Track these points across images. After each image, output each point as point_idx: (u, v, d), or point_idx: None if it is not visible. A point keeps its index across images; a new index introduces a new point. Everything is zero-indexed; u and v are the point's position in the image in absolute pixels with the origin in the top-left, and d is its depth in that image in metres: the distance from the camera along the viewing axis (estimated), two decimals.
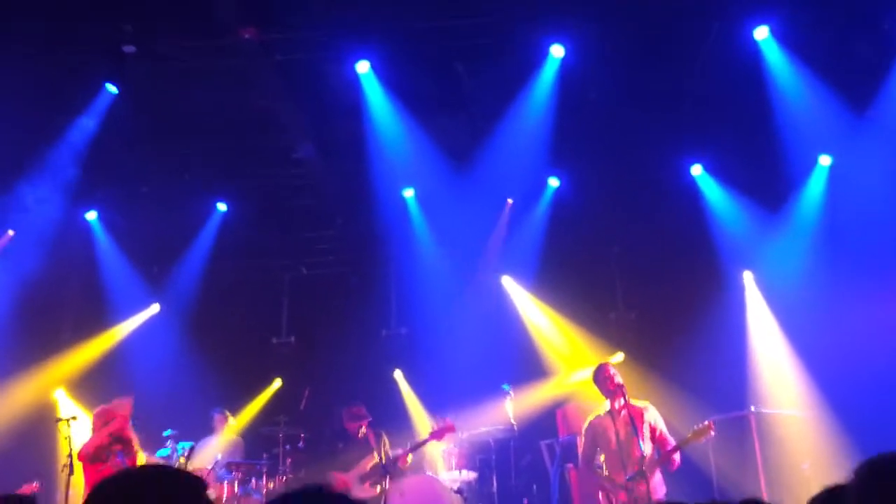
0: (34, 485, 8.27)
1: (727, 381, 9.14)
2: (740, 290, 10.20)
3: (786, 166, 9.50)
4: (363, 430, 8.39)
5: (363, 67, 8.75)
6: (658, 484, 6.75)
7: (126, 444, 7.53)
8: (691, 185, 10.19)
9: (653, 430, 6.92)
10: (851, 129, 8.89)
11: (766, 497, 8.08)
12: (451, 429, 8.48)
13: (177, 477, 2.00)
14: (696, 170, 10.18)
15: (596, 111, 9.45)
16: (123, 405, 7.77)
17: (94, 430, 7.67)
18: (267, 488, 8.99)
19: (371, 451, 8.23)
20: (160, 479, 1.98)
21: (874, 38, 8.36)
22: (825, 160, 9.69)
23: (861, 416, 8.19)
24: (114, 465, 7.25)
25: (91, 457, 7.33)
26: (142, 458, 7.57)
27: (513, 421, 8.58)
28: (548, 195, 10.55)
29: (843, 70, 8.53)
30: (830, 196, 9.60)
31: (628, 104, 9.14)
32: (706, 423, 6.68)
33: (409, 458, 8.28)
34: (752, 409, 8.59)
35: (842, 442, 8.32)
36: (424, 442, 8.45)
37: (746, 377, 9.52)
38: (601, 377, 6.99)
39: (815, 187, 9.75)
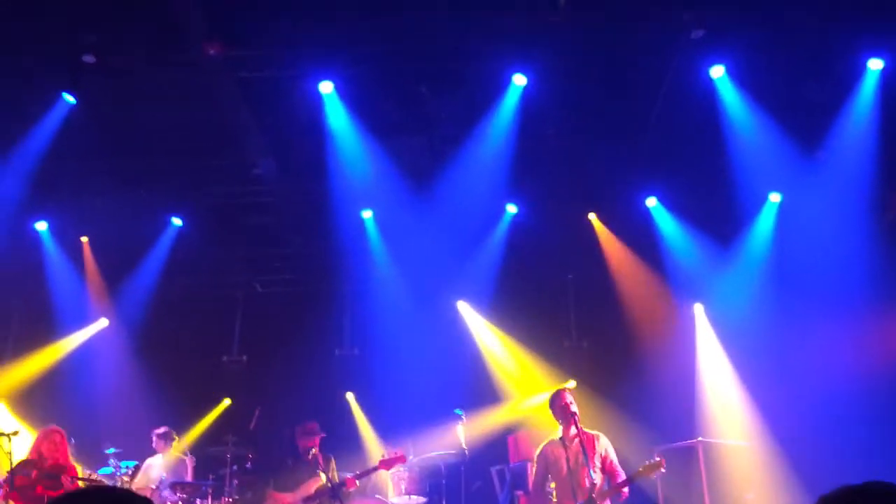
0: None
1: (676, 410, 9.29)
2: (691, 321, 10.39)
3: (737, 202, 9.73)
4: (314, 450, 8.28)
5: (327, 87, 8.75)
6: None
7: (55, 479, 7.17)
8: (646, 217, 10.37)
9: (603, 459, 6.97)
10: (801, 168, 9.16)
11: None
12: (401, 459, 8.40)
13: (123, 499, 1.97)
14: (651, 202, 10.37)
15: (555, 141, 9.60)
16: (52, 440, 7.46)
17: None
18: None
19: (318, 474, 8.14)
20: (111, 501, 1.94)
21: (825, 80, 8.65)
22: (775, 197, 9.95)
23: (804, 446, 8.38)
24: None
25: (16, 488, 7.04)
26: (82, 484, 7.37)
27: (464, 446, 8.57)
28: (505, 221, 10.63)
29: (795, 111, 8.80)
30: (779, 232, 9.86)
31: (587, 135, 9.30)
32: (657, 458, 6.75)
33: (358, 483, 8.20)
34: (700, 438, 8.74)
35: (786, 472, 8.48)
36: (373, 470, 8.34)
37: (695, 407, 9.68)
38: (557, 403, 7.02)
39: (765, 223, 10.00)
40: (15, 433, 7.18)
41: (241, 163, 9.83)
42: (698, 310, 10.46)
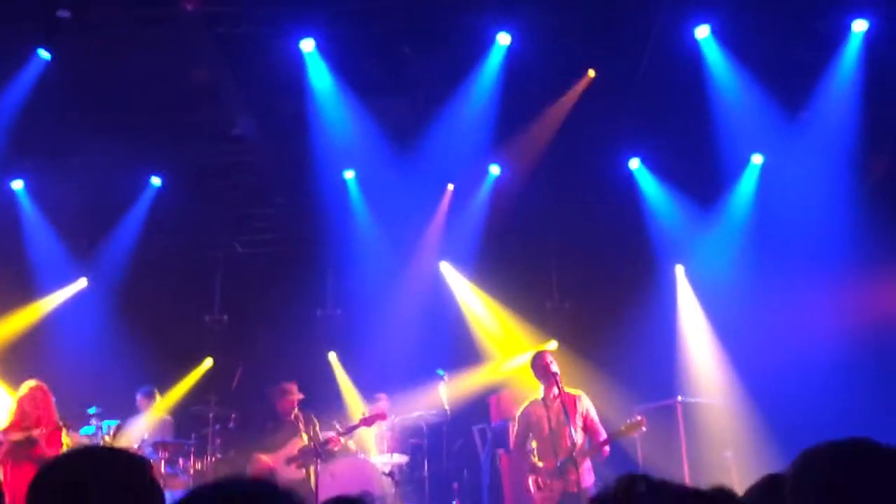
0: None
1: (656, 370, 9.37)
2: (672, 282, 10.45)
3: (720, 163, 9.74)
4: (295, 411, 8.32)
5: (308, 45, 8.62)
6: (587, 471, 6.89)
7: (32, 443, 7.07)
8: (628, 179, 10.36)
9: (585, 418, 7.05)
10: (784, 130, 9.17)
11: (688, 483, 8.33)
12: (382, 416, 8.49)
13: (122, 458, 1.97)
14: (634, 163, 10.36)
15: (538, 101, 9.54)
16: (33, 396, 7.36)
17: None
18: (194, 468, 8.87)
19: (299, 434, 8.18)
20: (106, 461, 1.94)
21: (810, 41, 8.63)
22: (757, 159, 9.97)
23: (782, 406, 8.51)
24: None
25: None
26: (65, 440, 7.34)
27: (446, 406, 8.64)
28: (488, 182, 10.60)
29: (779, 72, 8.79)
30: (761, 194, 9.89)
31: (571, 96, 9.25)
32: (639, 417, 6.84)
33: (342, 440, 8.26)
34: (679, 398, 8.86)
35: (763, 431, 8.62)
36: (355, 427, 8.42)
37: (675, 367, 9.78)
38: (538, 364, 7.09)
39: (747, 185, 10.03)
40: None
41: (221, 121, 9.69)
42: (679, 271, 10.52)
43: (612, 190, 10.31)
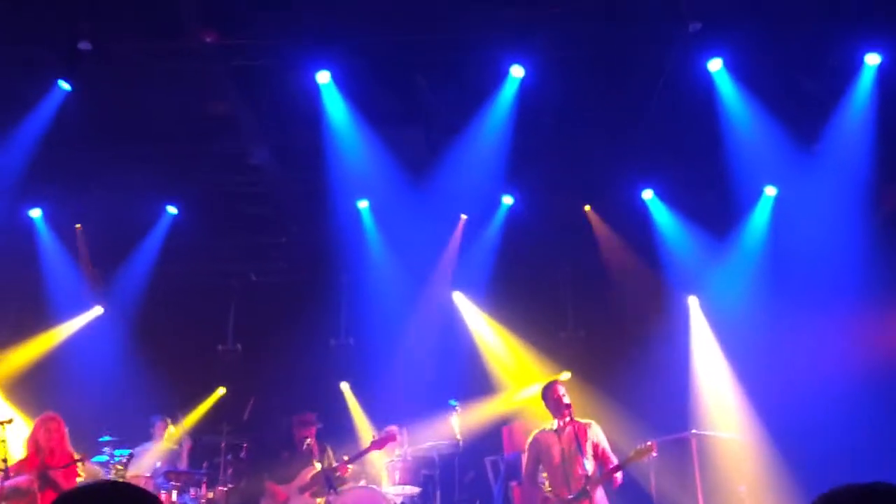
0: None
1: (670, 403, 9.31)
2: (685, 313, 10.41)
3: (733, 195, 9.75)
4: (309, 440, 8.32)
5: (323, 77, 8.73)
6: (601, 501, 6.83)
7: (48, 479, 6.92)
8: (642, 209, 10.38)
9: (595, 447, 7.01)
10: (797, 162, 9.17)
11: None
12: (392, 438, 8.45)
13: (138, 498, 1.97)
14: (647, 194, 10.37)
15: (552, 133, 9.60)
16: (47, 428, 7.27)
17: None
18: (206, 498, 8.85)
19: (312, 463, 8.18)
20: (119, 497, 1.95)
21: (822, 74, 8.66)
22: (771, 191, 9.96)
23: (797, 439, 8.42)
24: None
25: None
26: (81, 472, 7.34)
27: (458, 437, 8.60)
28: (501, 213, 10.64)
29: (792, 104, 8.81)
30: (775, 226, 9.87)
31: (584, 128, 9.30)
32: (648, 443, 6.79)
33: (350, 467, 8.24)
34: (693, 431, 8.76)
35: (778, 465, 8.54)
36: (366, 451, 8.42)
37: (688, 400, 9.71)
38: (550, 396, 7.06)
39: (761, 217, 10.01)
40: (9, 421, 7.15)
41: (237, 152, 9.81)
42: (693, 302, 10.48)
43: (626, 220, 10.31)
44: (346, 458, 8.24)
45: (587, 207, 10.58)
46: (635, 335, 9.62)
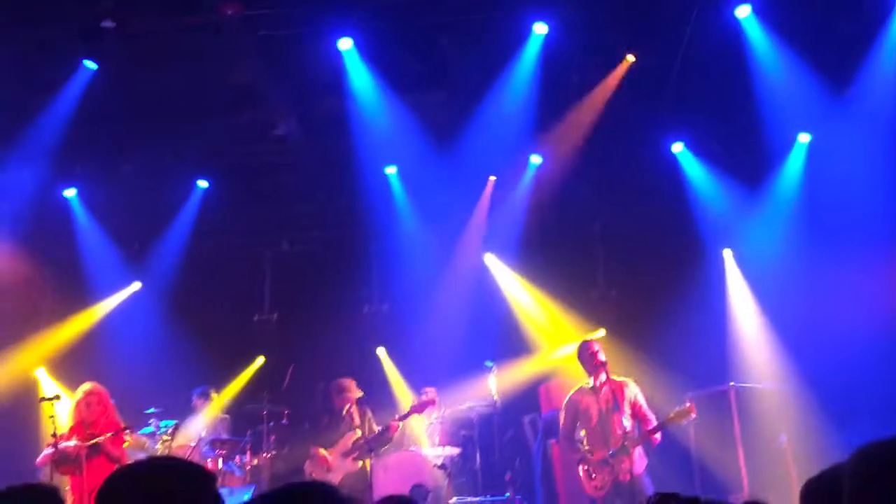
0: None
1: (707, 356, 9.25)
2: (720, 267, 10.31)
3: (766, 144, 9.58)
4: (349, 406, 8.45)
5: (346, 44, 8.70)
6: (639, 458, 6.88)
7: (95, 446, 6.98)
8: (672, 163, 10.25)
9: (633, 405, 7.03)
10: (831, 108, 8.96)
11: (744, 469, 8.26)
12: (431, 402, 8.56)
13: (187, 470, 2.02)
14: (677, 147, 10.24)
15: (577, 89, 9.49)
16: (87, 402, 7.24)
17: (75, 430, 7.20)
18: (250, 465, 9.05)
19: (354, 428, 8.31)
20: (171, 473, 2.00)
21: (855, 16, 8.43)
22: (804, 138, 9.77)
23: (836, 388, 8.36)
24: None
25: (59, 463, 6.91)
26: (127, 441, 7.49)
27: (496, 397, 8.67)
28: (530, 173, 10.58)
29: (824, 49, 8.59)
30: (809, 173, 9.70)
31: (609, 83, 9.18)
32: (687, 404, 6.79)
33: (401, 425, 8.39)
34: (732, 384, 8.75)
35: (818, 414, 8.48)
36: (408, 414, 8.54)
37: (726, 353, 9.65)
38: (585, 354, 7.08)
39: (795, 165, 9.83)
40: (57, 398, 7.32)
41: (263, 123, 9.84)
42: (727, 255, 10.37)
43: (656, 175, 10.20)
44: (395, 418, 8.39)
45: (617, 163, 10.48)
46: (669, 290, 9.54)
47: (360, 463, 8.23)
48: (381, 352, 11.05)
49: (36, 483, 4.05)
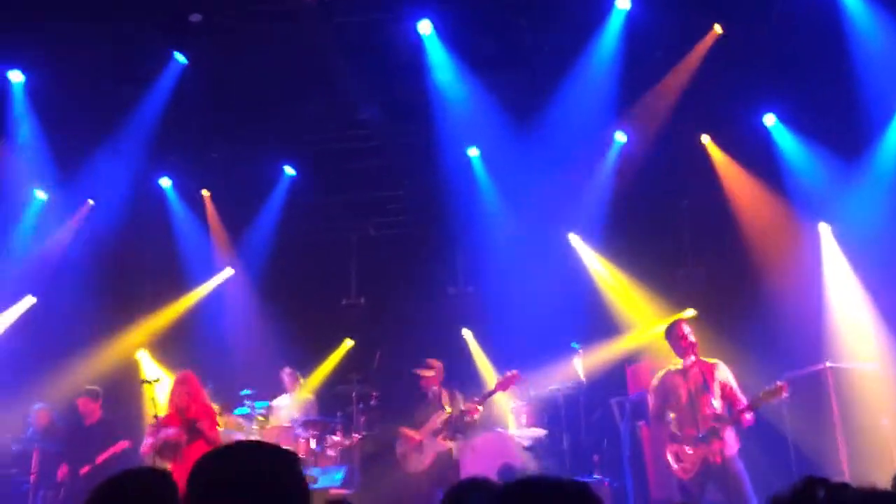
0: (126, 442, 8.67)
1: (801, 336, 8.92)
2: (815, 242, 9.91)
3: (864, 114, 9.12)
4: (436, 387, 8.54)
5: (425, 27, 8.71)
6: (731, 440, 6.71)
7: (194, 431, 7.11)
8: (764, 136, 9.89)
9: (723, 386, 6.86)
10: None
11: (843, 453, 7.96)
12: (516, 378, 8.52)
13: (274, 454, 2.08)
14: (769, 119, 9.87)
15: (662, 63, 9.25)
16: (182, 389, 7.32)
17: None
18: (342, 445, 9.26)
19: (442, 408, 8.39)
20: (259, 455, 2.06)
21: None
22: None
23: None
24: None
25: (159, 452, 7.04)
26: (221, 423, 7.71)
27: (582, 378, 8.60)
28: (614, 150, 10.39)
29: None
30: None
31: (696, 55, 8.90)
32: (779, 384, 6.57)
33: (480, 409, 8.40)
34: (828, 363, 8.40)
35: None
36: (491, 392, 8.56)
37: (822, 332, 9.28)
38: (675, 334, 6.94)
39: (895, 135, 9.35)
40: (157, 380, 7.65)
41: (345, 109, 9.96)
42: (824, 230, 9.96)
43: (747, 149, 9.86)
44: (475, 399, 8.42)
45: (705, 137, 10.17)
46: (761, 268, 9.25)
47: (449, 443, 8.31)
48: (466, 333, 11.10)
49: (150, 467, 4.25)
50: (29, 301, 10.46)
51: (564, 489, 1.71)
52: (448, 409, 8.33)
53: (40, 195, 10.40)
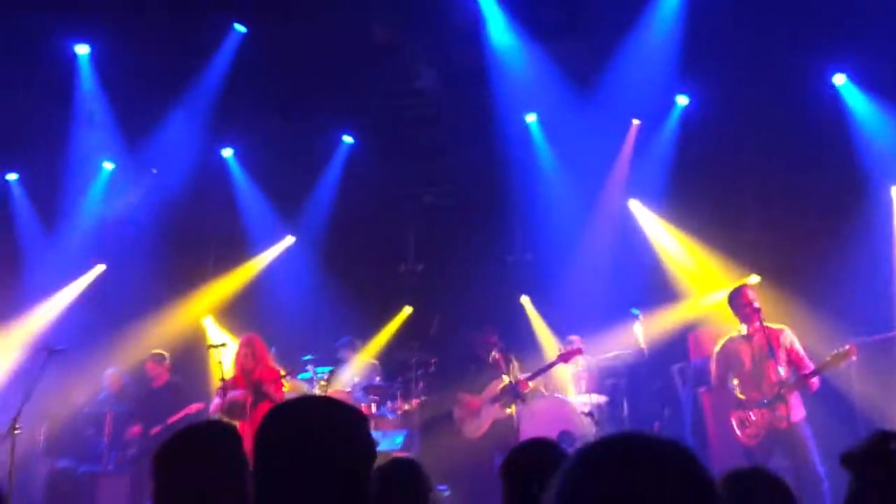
0: (199, 405, 8.94)
1: (871, 301, 8.66)
2: (887, 205, 9.59)
3: None
4: (494, 353, 8.56)
5: None
6: (797, 405, 6.61)
7: (260, 393, 7.27)
8: (832, 96, 9.57)
9: (789, 352, 6.74)
10: None
11: None
12: (578, 352, 8.54)
13: (344, 411, 2.12)
14: (839, 79, 9.54)
15: (727, 20, 8.99)
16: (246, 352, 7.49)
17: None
18: (402, 409, 9.38)
19: (501, 375, 8.42)
20: (327, 411, 2.10)
21: None
22: None
23: None
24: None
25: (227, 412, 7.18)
26: (286, 386, 7.87)
27: (643, 345, 8.53)
28: (676, 114, 10.18)
29: None
30: None
31: (762, 11, 8.63)
32: (847, 346, 6.42)
33: (531, 384, 8.41)
34: None
35: None
36: (552, 365, 8.56)
37: (893, 296, 9.01)
38: (739, 301, 6.82)
39: None
40: (223, 345, 7.83)
41: (403, 76, 9.95)
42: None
43: (814, 110, 9.55)
44: (528, 374, 8.42)
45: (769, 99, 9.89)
46: (828, 232, 8.98)
47: (508, 409, 8.35)
48: (525, 300, 11.08)
49: (216, 420, 4.38)
50: (99, 269, 10.79)
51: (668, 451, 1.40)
52: (506, 378, 8.36)
53: (107, 165, 10.68)
